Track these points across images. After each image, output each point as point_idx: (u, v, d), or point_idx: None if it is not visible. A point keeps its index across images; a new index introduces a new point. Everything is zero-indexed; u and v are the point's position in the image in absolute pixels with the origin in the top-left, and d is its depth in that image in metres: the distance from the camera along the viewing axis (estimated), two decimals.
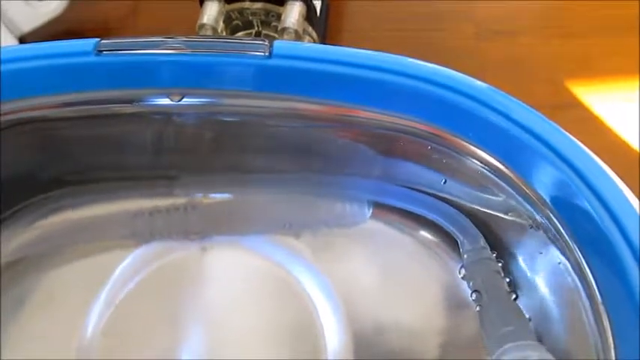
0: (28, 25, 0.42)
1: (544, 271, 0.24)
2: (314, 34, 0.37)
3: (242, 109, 0.26)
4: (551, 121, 0.20)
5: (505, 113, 0.21)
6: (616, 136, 0.40)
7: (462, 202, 0.27)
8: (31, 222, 0.29)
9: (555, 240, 0.22)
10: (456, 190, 0.26)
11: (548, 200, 0.21)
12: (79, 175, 0.30)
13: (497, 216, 0.25)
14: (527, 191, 0.22)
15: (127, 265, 0.29)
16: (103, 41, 0.24)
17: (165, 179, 0.30)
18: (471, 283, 0.26)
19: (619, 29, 0.44)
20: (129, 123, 0.27)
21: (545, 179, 0.21)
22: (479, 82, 0.21)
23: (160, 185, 0.30)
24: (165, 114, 0.26)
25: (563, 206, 0.21)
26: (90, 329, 0.27)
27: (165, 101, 0.25)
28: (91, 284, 0.28)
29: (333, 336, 0.26)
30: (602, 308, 0.20)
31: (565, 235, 0.21)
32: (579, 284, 0.21)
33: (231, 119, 0.27)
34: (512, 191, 0.23)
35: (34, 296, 0.28)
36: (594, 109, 0.41)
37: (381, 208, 0.29)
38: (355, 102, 0.24)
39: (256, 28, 0.38)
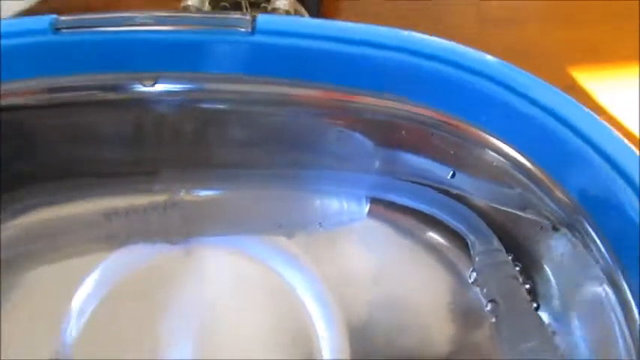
0: (12, 8, 0.40)
1: (569, 276, 0.22)
2: (306, 15, 0.35)
3: (226, 95, 0.24)
4: (582, 105, 0.17)
5: (525, 94, 0.18)
6: (618, 123, 0.40)
7: (472, 197, 0.25)
8: None
9: (582, 241, 0.20)
10: (465, 184, 0.25)
11: (576, 197, 0.19)
12: (45, 171, 0.28)
13: (513, 213, 0.23)
14: (551, 186, 0.20)
15: (102, 272, 0.27)
16: (61, 18, 0.21)
17: (142, 175, 0.28)
18: (484, 290, 0.23)
19: (623, 16, 0.44)
20: (99, 112, 0.25)
21: (573, 172, 0.19)
22: (492, 58, 0.18)
23: (137, 181, 0.28)
24: (139, 102, 0.24)
25: (595, 204, 0.19)
26: (62, 340, 0.25)
27: (137, 87, 0.24)
28: (62, 292, 0.26)
29: (328, 344, 0.25)
30: (637, 318, 0.17)
31: (594, 235, 0.19)
32: (611, 292, 0.19)
33: (214, 107, 0.25)
34: (531, 185, 0.21)
35: (3, 303, 0.26)
36: (597, 95, 0.41)
37: (380, 204, 0.27)
38: (350, 85, 0.22)
39: (244, 11, 0.36)
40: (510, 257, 0.24)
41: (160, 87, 0.24)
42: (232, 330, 0.26)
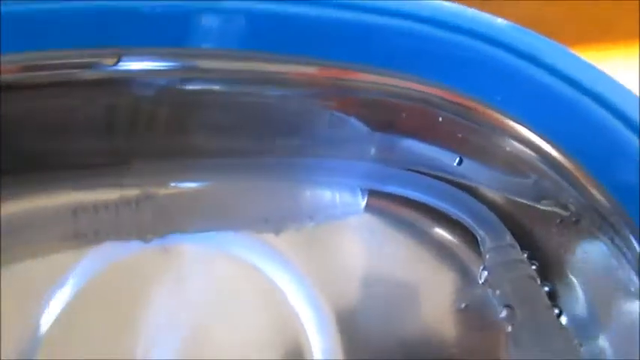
0: None
1: (595, 278, 0.20)
2: None
3: (205, 74, 0.22)
4: (614, 79, 0.15)
5: (547, 64, 0.15)
6: None
7: (482, 187, 0.23)
8: None
9: (611, 237, 0.18)
10: (473, 173, 0.23)
11: (604, 184, 0.17)
12: (5, 163, 0.25)
13: (528, 205, 0.22)
14: (576, 173, 0.18)
15: (71, 271, 0.25)
16: None
17: (113, 166, 0.26)
18: (497, 292, 0.21)
19: None
20: (60, 96, 0.23)
21: (606, 159, 0.17)
22: (506, 23, 0.16)
23: (107, 174, 0.26)
24: (105, 83, 0.22)
25: (628, 193, 0.16)
26: (30, 342, 0.24)
27: (100, 66, 0.21)
28: (29, 292, 0.25)
29: (320, 348, 0.24)
30: None
31: (626, 231, 0.17)
32: None
33: (191, 88, 0.23)
34: (551, 173, 0.19)
35: None
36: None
37: (378, 196, 0.25)
38: (343, 59, 0.20)
39: None
40: (525, 255, 0.22)
41: (126, 65, 0.21)
42: (216, 333, 0.24)
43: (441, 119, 0.20)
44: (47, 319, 0.24)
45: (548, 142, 0.18)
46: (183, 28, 0.20)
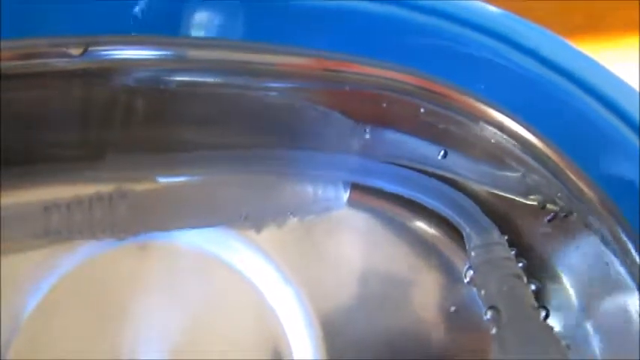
0: None
1: (584, 275, 0.19)
2: None
3: (188, 65, 0.22)
4: (606, 68, 0.14)
5: (535, 52, 0.14)
6: None
7: (468, 181, 0.22)
8: None
9: (600, 231, 0.17)
10: (458, 166, 0.22)
11: (599, 182, 0.16)
12: None
13: (515, 200, 0.21)
14: (561, 164, 0.17)
15: (41, 272, 0.24)
16: None
17: (88, 160, 0.25)
18: (482, 292, 0.21)
19: None
20: (33, 87, 0.22)
21: (597, 152, 0.16)
22: (494, 9, 0.15)
23: (82, 168, 0.25)
24: (74, 74, 0.21)
25: (624, 192, 0.16)
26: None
27: (64, 56, 0.20)
28: None
29: (304, 349, 0.23)
30: None
31: (617, 227, 0.16)
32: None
33: (174, 79, 0.22)
34: (539, 166, 0.18)
35: None
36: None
37: (361, 191, 0.25)
38: (329, 48, 0.19)
39: None
40: (513, 252, 0.21)
41: (101, 55, 0.20)
42: (197, 333, 0.24)
43: (422, 110, 0.19)
44: (12, 327, 0.23)
45: (534, 133, 0.17)
46: (166, 16, 0.19)
